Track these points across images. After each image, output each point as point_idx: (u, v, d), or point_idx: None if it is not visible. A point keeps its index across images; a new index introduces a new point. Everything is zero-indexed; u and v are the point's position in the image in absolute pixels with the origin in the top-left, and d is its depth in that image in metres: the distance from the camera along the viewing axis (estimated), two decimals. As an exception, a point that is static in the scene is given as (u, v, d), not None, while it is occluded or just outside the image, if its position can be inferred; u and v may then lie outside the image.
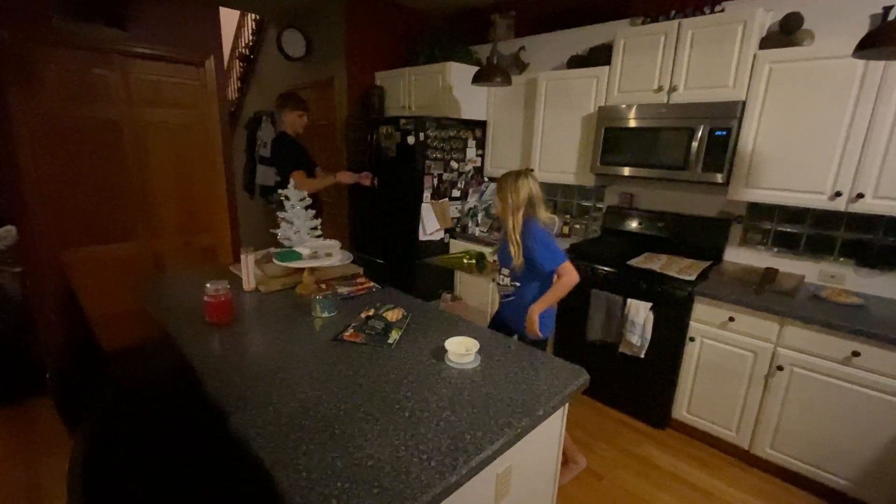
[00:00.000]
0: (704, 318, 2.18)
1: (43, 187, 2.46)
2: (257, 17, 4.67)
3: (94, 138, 2.59)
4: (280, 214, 1.88)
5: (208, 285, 1.51)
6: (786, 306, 1.96)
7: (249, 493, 1.04)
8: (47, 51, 2.37)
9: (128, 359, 1.79)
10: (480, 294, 3.23)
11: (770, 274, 2.27)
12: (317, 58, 3.87)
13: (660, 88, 2.39)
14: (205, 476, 1.17)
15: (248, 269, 1.83)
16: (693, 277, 2.23)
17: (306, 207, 1.89)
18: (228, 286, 1.54)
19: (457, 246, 3.32)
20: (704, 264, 2.44)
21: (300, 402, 1.13)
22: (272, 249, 2.05)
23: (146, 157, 2.78)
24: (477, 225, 3.42)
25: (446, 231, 3.35)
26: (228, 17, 4.07)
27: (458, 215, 3.42)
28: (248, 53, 4.92)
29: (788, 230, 2.36)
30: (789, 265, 2.37)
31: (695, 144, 2.25)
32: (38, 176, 2.43)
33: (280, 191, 1.87)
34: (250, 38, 4.85)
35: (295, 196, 1.85)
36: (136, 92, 2.68)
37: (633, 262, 2.47)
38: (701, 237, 2.60)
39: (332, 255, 1.91)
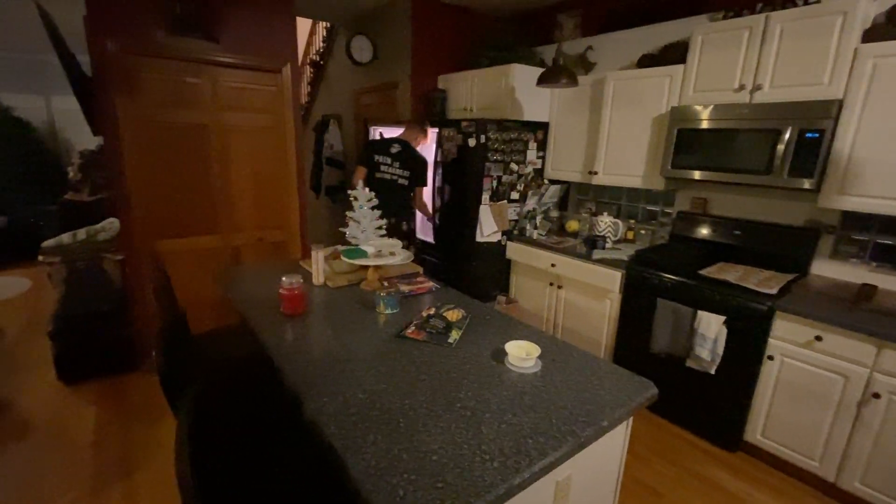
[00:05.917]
0: (786, 336, 2.01)
1: (140, 185, 2.74)
2: (328, 24, 4.91)
3: (184, 141, 2.85)
4: (349, 214, 1.97)
5: (284, 279, 1.62)
6: (885, 327, 1.75)
7: (323, 474, 1.11)
8: (149, 62, 2.64)
9: (212, 341, 1.96)
10: (536, 298, 3.19)
11: (867, 291, 2.05)
12: (382, 62, 4.01)
13: (741, 87, 2.23)
14: (284, 455, 1.26)
15: (319, 265, 1.94)
16: (774, 291, 2.06)
17: (373, 208, 1.97)
18: (302, 280, 1.64)
19: (514, 250, 3.29)
20: (788, 277, 2.25)
21: (367, 393, 1.18)
22: (339, 247, 2.15)
23: (228, 158, 3.02)
24: (535, 228, 3.38)
25: (503, 233, 3.34)
26: (301, 26, 4.32)
27: (515, 218, 3.40)
28: (318, 59, 5.19)
29: (889, 242, 2.11)
30: (890, 282, 2.12)
31: (780, 147, 2.08)
32: (137, 174, 2.71)
33: (350, 191, 1.96)
34: (321, 44, 5.11)
35: (363, 197, 1.93)
36: (222, 98, 2.92)
37: (706, 271, 2.33)
38: (784, 248, 2.40)
39: (396, 254, 1.97)
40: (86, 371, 2.80)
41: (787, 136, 2.06)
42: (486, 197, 3.17)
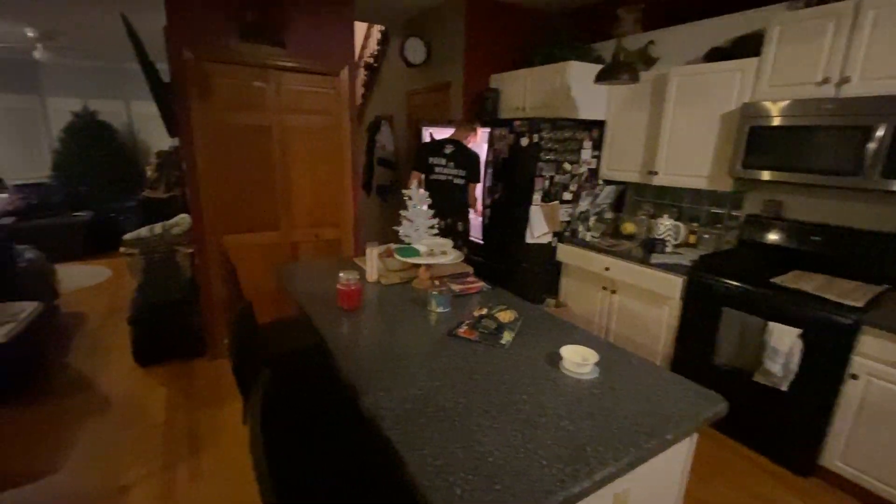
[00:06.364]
0: (874, 354, 1.82)
1: (210, 183, 2.92)
2: (383, 28, 5.02)
3: (249, 142, 3.01)
4: (402, 213, 2.00)
5: (341, 275, 1.67)
6: None
7: (380, 467, 1.13)
8: (220, 67, 2.81)
9: (272, 332, 2.06)
10: (587, 302, 3.10)
11: (975, 307, 1.82)
12: (435, 63, 4.04)
13: (825, 80, 2.05)
14: (344, 444, 1.30)
15: (373, 262, 1.98)
16: (861, 304, 1.87)
17: (428, 206, 1.99)
18: (358, 277, 1.69)
19: (566, 252, 3.21)
20: (877, 289, 2.04)
21: (421, 390, 1.19)
22: (392, 245, 2.18)
23: (288, 158, 3.16)
24: (588, 230, 3.28)
25: (554, 235, 3.26)
26: (356, 30, 4.45)
27: (567, 219, 3.31)
28: (372, 62, 5.32)
29: None
30: None
31: (871, 146, 1.89)
32: (207, 173, 2.90)
33: (404, 191, 1.99)
34: (375, 48, 5.23)
35: (417, 196, 1.96)
36: (284, 101, 3.05)
37: (779, 280, 2.16)
38: (871, 256, 2.18)
39: (447, 253, 1.98)
40: (159, 355, 3.03)
41: (880, 132, 1.86)
42: (537, 197, 3.11)
